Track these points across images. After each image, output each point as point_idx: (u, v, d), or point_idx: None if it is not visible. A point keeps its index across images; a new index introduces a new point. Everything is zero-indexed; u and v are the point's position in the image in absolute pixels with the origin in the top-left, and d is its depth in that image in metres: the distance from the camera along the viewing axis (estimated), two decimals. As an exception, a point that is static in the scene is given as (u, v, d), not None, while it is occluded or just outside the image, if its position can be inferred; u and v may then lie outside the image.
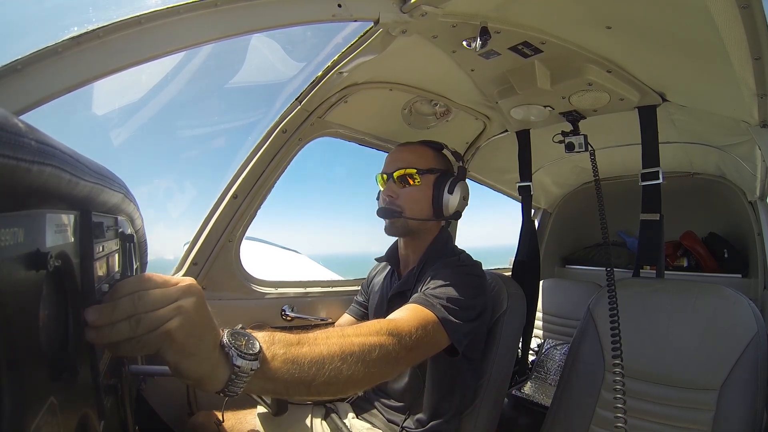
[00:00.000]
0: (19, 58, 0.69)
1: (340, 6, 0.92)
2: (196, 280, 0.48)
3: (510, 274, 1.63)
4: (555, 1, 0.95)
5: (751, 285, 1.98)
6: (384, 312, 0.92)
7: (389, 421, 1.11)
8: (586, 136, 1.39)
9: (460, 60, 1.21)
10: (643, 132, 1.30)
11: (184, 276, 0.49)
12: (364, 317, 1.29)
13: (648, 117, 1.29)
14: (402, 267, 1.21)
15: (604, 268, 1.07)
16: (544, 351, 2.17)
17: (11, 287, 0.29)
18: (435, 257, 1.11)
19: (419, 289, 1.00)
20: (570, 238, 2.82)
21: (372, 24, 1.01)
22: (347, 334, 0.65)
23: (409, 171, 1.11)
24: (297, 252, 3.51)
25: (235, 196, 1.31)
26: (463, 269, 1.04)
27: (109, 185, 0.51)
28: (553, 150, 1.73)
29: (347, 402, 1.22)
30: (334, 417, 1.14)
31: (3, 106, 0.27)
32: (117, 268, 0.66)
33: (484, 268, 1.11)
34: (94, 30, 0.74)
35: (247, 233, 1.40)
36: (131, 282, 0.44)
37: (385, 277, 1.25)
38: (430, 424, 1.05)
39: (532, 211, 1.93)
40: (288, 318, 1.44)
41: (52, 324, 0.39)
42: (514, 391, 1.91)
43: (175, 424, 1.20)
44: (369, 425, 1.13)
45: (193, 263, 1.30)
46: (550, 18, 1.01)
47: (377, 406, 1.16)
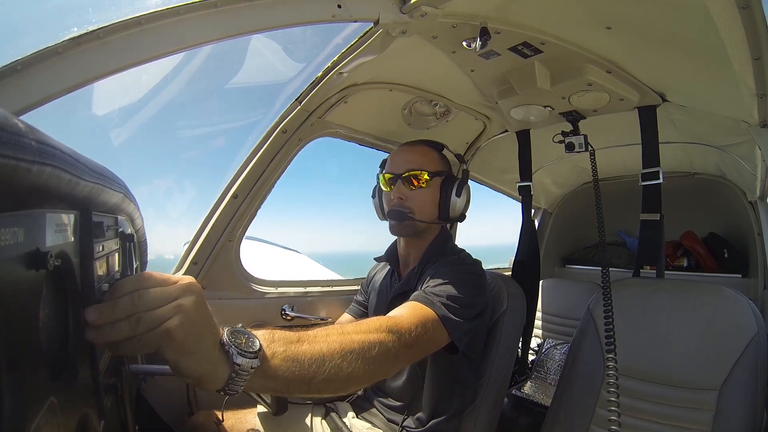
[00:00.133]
0: (19, 58, 0.69)
1: (339, 6, 0.92)
2: (196, 279, 0.48)
3: (510, 273, 1.63)
4: (555, 2, 0.95)
5: (751, 285, 1.98)
6: (384, 312, 0.92)
7: (389, 420, 1.11)
8: (586, 136, 1.39)
9: (460, 60, 1.21)
10: (643, 132, 1.30)
11: (183, 275, 0.49)
12: (363, 316, 1.29)
13: (648, 117, 1.29)
14: (402, 267, 1.21)
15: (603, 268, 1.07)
16: (544, 351, 2.17)
17: (11, 287, 0.29)
18: (435, 256, 1.11)
19: (420, 288, 1.00)
20: (570, 238, 2.82)
21: (372, 24, 1.01)
22: (347, 331, 0.65)
23: (420, 173, 1.10)
24: (297, 252, 3.51)
25: (235, 196, 1.31)
26: (464, 268, 1.04)
27: (109, 185, 0.51)
28: (553, 150, 1.73)
29: (347, 401, 1.22)
30: (334, 416, 1.14)
31: (3, 106, 0.27)
32: (117, 268, 0.66)
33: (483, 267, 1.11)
34: (94, 30, 0.74)
35: (247, 233, 1.41)
36: (131, 281, 0.44)
37: (385, 277, 1.25)
38: (430, 424, 1.05)
39: (532, 211, 1.93)
40: (288, 317, 1.45)
41: (52, 324, 0.39)
42: (514, 391, 1.91)
43: (175, 424, 1.20)
44: (369, 425, 1.13)
45: (193, 263, 1.30)
46: (550, 18, 1.01)
47: (377, 406, 1.16)
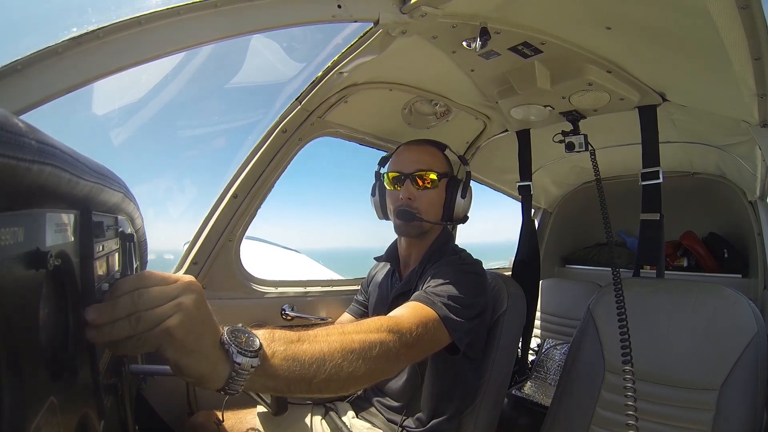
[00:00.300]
0: (19, 58, 0.69)
1: (340, 7, 0.92)
2: (196, 279, 0.48)
3: (510, 273, 1.63)
4: (555, 2, 0.95)
5: (751, 285, 1.98)
6: (385, 312, 0.93)
7: (389, 420, 1.11)
8: (586, 136, 1.39)
9: (460, 60, 1.21)
10: (643, 132, 1.30)
11: (183, 275, 0.49)
12: (364, 316, 1.29)
13: (648, 117, 1.29)
14: (403, 266, 1.21)
15: (603, 268, 1.07)
16: (544, 351, 2.17)
17: (11, 286, 0.29)
18: (436, 256, 1.11)
19: (421, 288, 1.00)
20: (570, 238, 2.82)
21: (372, 24, 1.01)
22: (348, 331, 0.65)
23: (429, 173, 1.10)
24: (297, 251, 3.51)
25: (235, 196, 1.31)
26: (464, 268, 1.04)
27: (109, 185, 0.51)
28: (553, 150, 1.73)
29: (347, 401, 1.22)
30: (334, 416, 1.14)
31: (3, 106, 0.27)
32: (117, 268, 0.66)
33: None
34: (94, 30, 0.74)
35: (247, 233, 1.41)
36: (131, 280, 0.44)
37: (385, 277, 1.25)
38: (430, 424, 1.05)
39: (532, 210, 1.93)
40: (288, 317, 1.45)
41: (52, 323, 0.39)
42: (514, 391, 1.91)
43: (175, 424, 1.20)
44: (369, 425, 1.13)
45: (193, 262, 1.30)
46: (550, 18, 1.01)
47: (377, 405, 1.16)
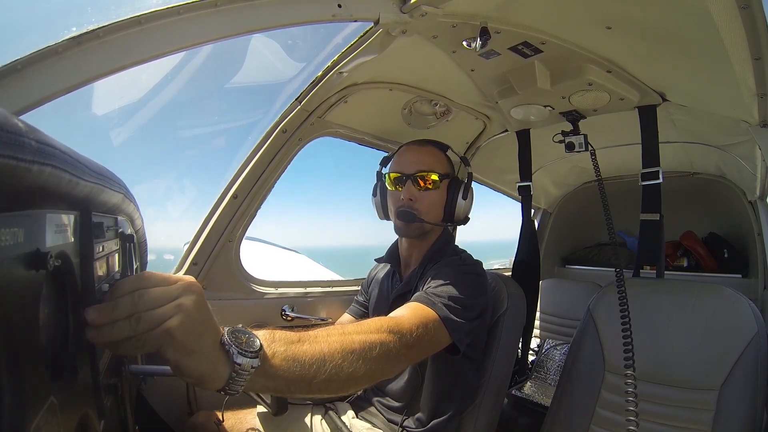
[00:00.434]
0: (19, 58, 0.69)
1: (340, 6, 0.92)
2: (196, 279, 0.48)
3: (510, 274, 1.63)
4: (555, 2, 0.95)
5: (751, 285, 1.98)
6: (385, 312, 0.93)
7: (389, 420, 1.11)
8: (586, 136, 1.39)
9: (460, 60, 1.21)
10: (643, 132, 1.30)
11: (183, 275, 0.49)
12: (364, 317, 1.29)
13: (648, 117, 1.29)
14: (403, 267, 1.21)
15: (604, 268, 1.07)
16: (544, 351, 2.17)
17: (11, 287, 0.29)
18: (436, 257, 1.11)
19: (421, 288, 0.99)
20: (570, 238, 2.82)
21: (372, 24, 1.01)
22: (348, 331, 0.65)
23: (431, 174, 1.10)
24: (297, 252, 3.51)
25: (235, 196, 1.31)
26: (464, 268, 1.04)
27: (109, 185, 0.51)
28: (553, 150, 1.73)
29: (347, 401, 1.22)
30: (334, 416, 1.14)
31: (3, 106, 0.27)
32: (117, 268, 0.66)
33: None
34: (94, 30, 0.74)
35: (247, 233, 1.40)
36: (131, 281, 0.44)
37: (385, 277, 1.25)
38: (430, 424, 1.05)
39: (532, 211, 1.93)
40: (288, 318, 1.45)
41: (52, 324, 0.39)
42: (514, 391, 1.91)
43: (175, 424, 1.20)
44: (369, 425, 1.13)
45: (193, 263, 1.30)
46: (550, 18, 1.01)
47: (377, 406, 1.16)
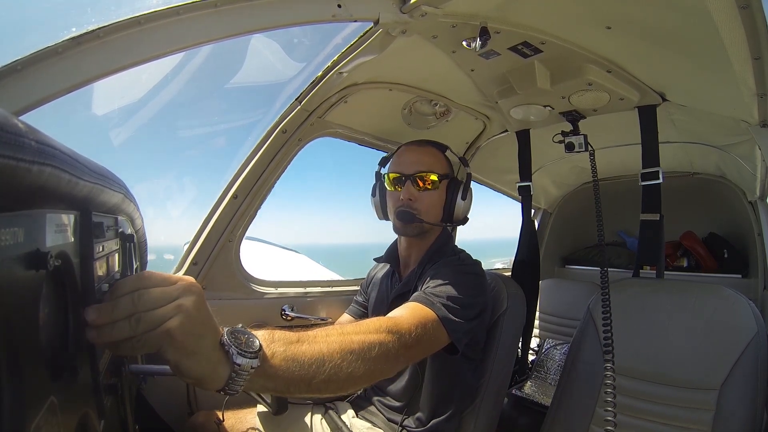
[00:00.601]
0: (19, 58, 0.69)
1: (340, 6, 0.92)
2: (195, 279, 0.48)
3: (510, 274, 1.63)
4: (555, 1, 0.95)
5: (751, 285, 1.98)
6: (384, 313, 0.93)
7: (389, 420, 1.11)
8: (586, 136, 1.38)
9: (460, 60, 1.21)
10: (643, 132, 1.30)
11: (183, 275, 0.49)
12: (363, 317, 1.29)
13: (648, 117, 1.29)
14: (402, 267, 1.21)
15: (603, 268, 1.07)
16: (544, 351, 2.17)
17: (11, 287, 0.29)
18: (436, 257, 1.11)
19: (420, 288, 1.00)
20: (570, 238, 2.82)
21: (372, 24, 1.01)
22: (347, 331, 0.65)
23: (430, 174, 1.10)
24: (297, 252, 3.52)
25: (235, 196, 1.31)
26: (463, 268, 1.04)
27: (109, 185, 0.51)
28: (553, 150, 1.73)
29: (347, 401, 1.22)
30: (334, 416, 1.14)
31: (3, 106, 0.27)
32: (117, 268, 0.66)
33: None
34: (94, 30, 0.74)
35: (247, 233, 1.40)
36: (131, 281, 0.44)
37: (385, 277, 1.25)
38: (430, 424, 1.05)
39: (532, 211, 1.93)
40: (288, 318, 1.45)
41: (52, 324, 0.39)
42: (514, 391, 1.91)
43: (175, 424, 1.20)
44: (369, 424, 1.13)
45: (193, 263, 1.30)
46: (550, 18, 1.01)
47: (377, 405, 1.16)
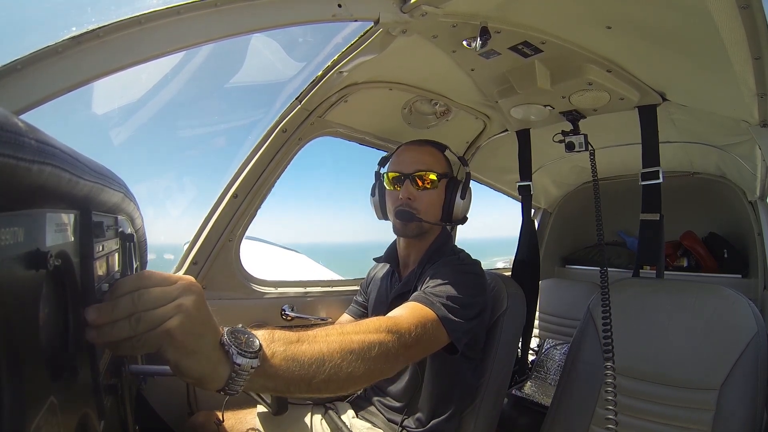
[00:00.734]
0: (19, 58, 0.69)
1: (340, 6, 0.92)
2: (195, 279, 0.48)
3: (510, 274, 1.63)
4: (555, 1, 0.95)
5: (751, 285, 1.98)
6: (384, 313, 0.93)
7: (389, 420, 1.11)
8: (586, 136, 1.38)
9: (460, 60, 1.20)
10: (643, 131, 1.30)
11: (183, 275, 0.49)
12: (363, 317, 1.29)
13: (648, 116, 1.29)
14: (402, 267, 1.21)
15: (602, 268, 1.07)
16: (544, 351, 2.17)
17: (11, 286, 0.29)
18: (435, 257, 1.11)
19: (419, 288, 1.00)
20: (570, 238, 2.81)
21: (372, 24, 1.01)
22: (347, 331, 0.65)
23: (429, 173, 1.10)
24: (297, 252, 3.52)
25: (235, 196, 1.31)
26: (463, 268, 1.04)
27: (109, 184, 0.51)
28: (553, 150, 1.73)
29: (347, 401, 1.22)
30: (334, 416, 1.14)
31: (3, 106, 0.27)
32: (117, 268, 0.66)
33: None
34: (94, 30, 0.74)
35: (247, 233, 1.40)
36: (131, 280, 0.44)
37: (384, 277, 1.25)
38: (430, 424, 1.05)
39: (532, 210, 1.93)
40: (288, 318, 1.45)
41: (52, 323, 0.39)
42: (514, 391, 1.91)
43: (175, 424, 1.20)
44: (369, 424, 1.13)
45: (193, 263, 1.30)
46: (550, 18, 1.01)
47: (377, 405, 1.16)
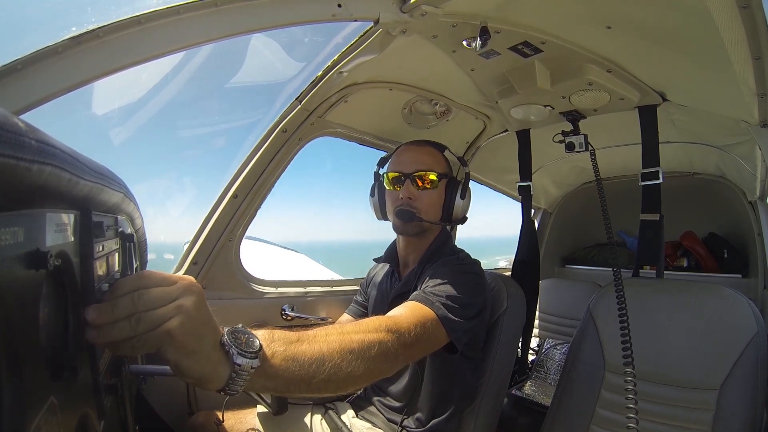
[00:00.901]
0: (19, 58, 0.69)
1: (340, 6, 0.92)
2: (195, 279, 0.48)
3: (510, 274, 1.63)
4: (555, 1, 0.95)
5: (751, 285, 1.98)
6: (384, 312, 0.93)
7: (389, 420, 1.11)
8: (586, 136, 1.38)
9: (460, 60, 1.20)
10: (643, 132, 1.30)
11: (183, 275, 0.49)
12: (363, 317, 1.29)
13: (648, 117, 1.29)
14: (402, 267, 1.21)
15: (603, 268, 1.07)
16: (543, 351, 2.17)
17: (11, 286, 0.29)
18: (435, 257, 1.11)
19: (419, 288, 1.00)
20: (570, 238, 2.82)
21: (372, 24, 1.01)
22: (346, 331, 0.65)
23: (429, 173, 1.10)
24: (297, 251, 3.52)
25: (235, 196, 1.31)
26: (462, 268, 1.04)
27: (109, 185, 0.51)
28: (553, 150, 1.73)
29: (347, 401, 1.22)
30: (334, 416, 1.14)
31: (3, 106, 0.27)
32: (117, 268, 0.66)
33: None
34: (94, 30, 0.74)
35: (247, 233, 1.40)
36: (131, 280, 0.44)
37: (384, 277, 1.25)
38: (429, 424, 1.05)
39: (532, 211, 1.93)
40: (288, 317, 1.45)
41: (52, 323, 0.39)
42: (514, 391, 1.91)
43: (175, 424, 1.20)
44: (369, 424, 1.13)
45: (193, 262, 1.30)
46: (550, 18, 1.01)
47: (377, 405, 1.16)
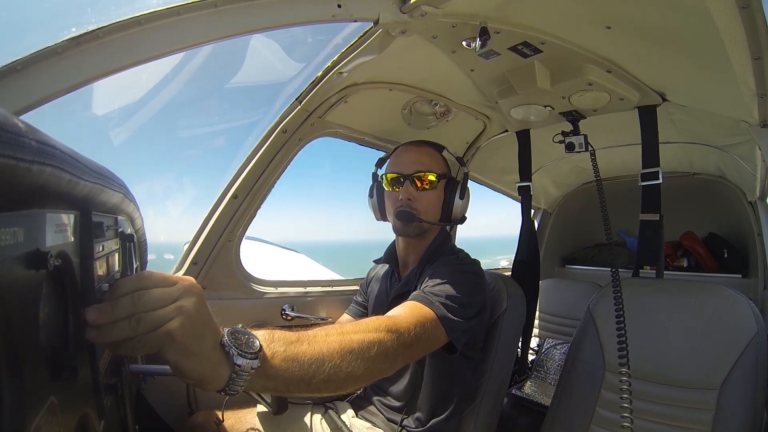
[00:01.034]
0: (19, 58, 0.69)
1: (340, 6, 0.92)
2: (195, 279, 0.48)
3: (510, 274, 1.63)
4: (555, 2, 0.95)
5: (751, 285, 1.98)
6: (384, 313, 0.93)
7: (389, 419, 1.11)
8: (586, 136, 1.38)
9: (460, 60, 1.21)
10: (643, 132, 1.30)
11: (183, 275, 0.49)
12: (363, 317, 1.28)
13: (648, 117, 1.29)
14: (401, 267, 1.21)
15: (603, 268, 1.07)
16: (543, 350, 2.17)
17: (11, 286, 0.29)
18: (434, 257, 1.11)
19: (419, 288, 1.00)
20: (570, 238, 2.82)
21: (372, 24, 1.01)
22: (346, 331, 0.65)
23: (428, 174, 1.11)
24: (297, 251, 3.52)
25: (235, 196, 1.31)
26: (462, 268, 1.04)
27: (109, 185, 0.51)
28: (553, 150, 1.73)
29: (347, 401, 1.22)
30: (334, 416, 1.14)
31: (3, 106, 0.27)
32: (117, 268, 0.66)
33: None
34: (93, 30, 0.74)
35: (247, 233, 1.40)
36: (131, 280, 0.44)
37: (384, 277, 1.25)
38: (429, 423, 1.05)
39: (532, 211, 1.93)
40: (288, 318, 1.45)
41: (52, 323, 0.39)
42: (514, 391, 1.91)
43: (175, 424, 1.20)
44: (369, 424, 1.13)
45: (193, 263, 1.30)
46: (550, 18, 1.01)
47: (377, 405, 1.16)
